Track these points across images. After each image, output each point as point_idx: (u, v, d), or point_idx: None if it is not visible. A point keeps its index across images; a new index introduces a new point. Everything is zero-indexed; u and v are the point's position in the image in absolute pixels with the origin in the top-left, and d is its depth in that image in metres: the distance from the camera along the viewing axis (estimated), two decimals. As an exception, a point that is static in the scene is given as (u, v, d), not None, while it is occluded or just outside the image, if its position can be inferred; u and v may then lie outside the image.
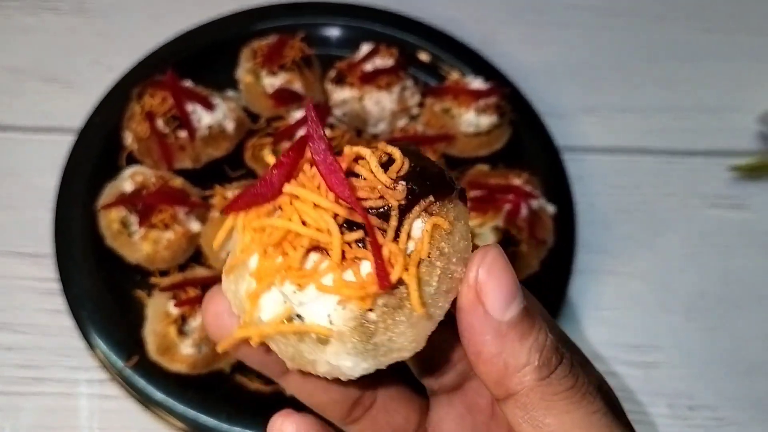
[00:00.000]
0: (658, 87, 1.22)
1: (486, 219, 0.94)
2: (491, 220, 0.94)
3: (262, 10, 1.13)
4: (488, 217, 0.94)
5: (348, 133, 0.97)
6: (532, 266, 0.96)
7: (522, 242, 0.93)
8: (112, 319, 0.89)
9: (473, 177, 1.00)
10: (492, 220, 0.94)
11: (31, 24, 1.17)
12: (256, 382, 0.88)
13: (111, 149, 0.99)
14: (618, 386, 0.89)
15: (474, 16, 1.25)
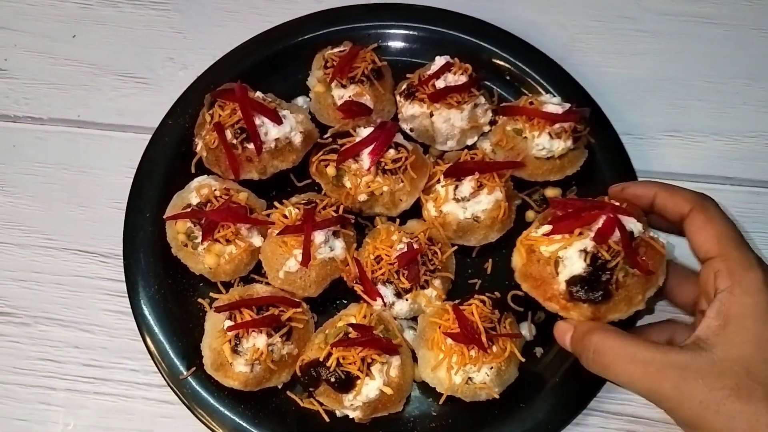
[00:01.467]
0: (754, 109, 1.13)
1: (572, 239, 0.82)
2: (578, 240, 0.82)
3: (337, 11, 1.11)
4: (574, 237, 0.82)
5: (414, 154, 0.95)
6: (634, 302, 0.82)
7: (617, 270, 0.81)
8: (173, 327, 0.91)
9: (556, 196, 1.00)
10: (579, 240, 0.82)
11: (110, 16, 1.18)
12: (306, 402, 0.89)
13: (183, 154, 1.01)
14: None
15: (556, 21, 1.19)
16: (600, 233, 0.79)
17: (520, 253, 0.84)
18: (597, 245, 0.79)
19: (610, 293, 0.79)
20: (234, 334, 0.84)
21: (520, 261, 0.85)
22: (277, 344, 0.85)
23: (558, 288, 0.81)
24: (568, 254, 0.81)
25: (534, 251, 0.83)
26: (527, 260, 0.83)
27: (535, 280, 0.82)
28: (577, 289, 0.79)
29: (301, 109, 1.03)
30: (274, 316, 0.85)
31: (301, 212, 0.91)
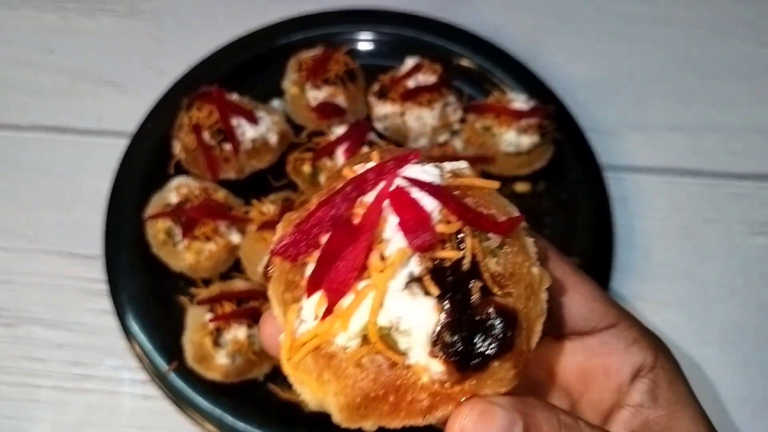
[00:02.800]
0: (712, 105, 1.18)
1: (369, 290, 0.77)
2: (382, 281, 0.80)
3: (309, 17, 1.14)
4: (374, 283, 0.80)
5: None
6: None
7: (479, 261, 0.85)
8: (155, 323, 0.93)
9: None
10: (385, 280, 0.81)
11: (88, 26, 1.21)
12: (287, 392, 0.91)
13: (160, 157, 1.03)
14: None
15: (522, 25, 1.23)
16: (408, 227, 0.42)
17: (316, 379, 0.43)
18: (423, 253, 0.42)
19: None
20: (215, 327, 0.87)
21: (325, 390, 0.43)
22: (257, 335, 0.88)
23: (426, 380, 0.42)
24: (398, 313, 0.41)
25: (331, 357, 0.42)
26: (336, 375, 0.42)
27: (384, 400, 0.42)
28: (451, 348, 0.41)
29: (276, 111, 1.06)
30: (254, 308, 0.88)
31: (278, 209, 0.94)
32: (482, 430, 0.40)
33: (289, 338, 0.43)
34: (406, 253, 0.41)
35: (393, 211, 0.42)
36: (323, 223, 0.43)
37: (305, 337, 0.42)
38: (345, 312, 0.41)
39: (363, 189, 0.44)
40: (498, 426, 0.41)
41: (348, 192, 0.44)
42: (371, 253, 0.41)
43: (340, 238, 0.41)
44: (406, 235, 0.41)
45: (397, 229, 0.42)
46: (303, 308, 0.43)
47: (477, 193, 0.46)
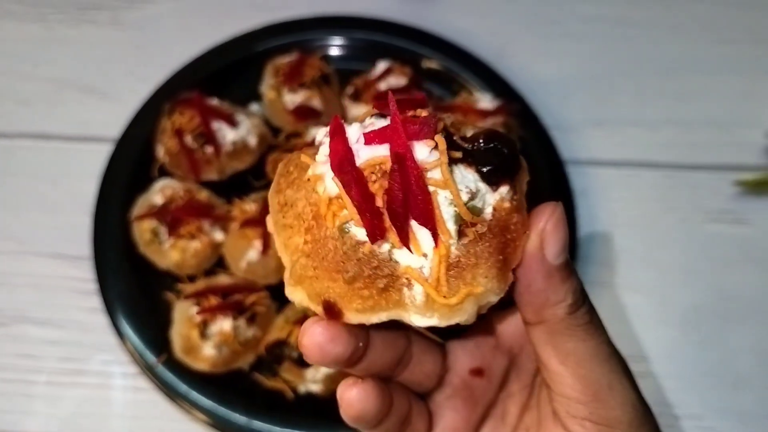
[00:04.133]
0: (669, 100, 1.25)
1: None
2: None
3: (285, 25, 1.19)
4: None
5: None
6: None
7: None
8: (143, 319, 0.98)
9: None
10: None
11: (71, 36, 1.25)
12: (272, 380, 0.96)
13: (144, 161, 1.07)
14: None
15: (488, 28, 1.29)
16: (416, 134, 0.45)
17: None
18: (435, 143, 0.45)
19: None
20: (201, 320, 0.92)
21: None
22: (241, 327, 0.93)
23: (508, 205, 0.48)
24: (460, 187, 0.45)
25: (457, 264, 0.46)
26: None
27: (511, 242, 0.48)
28: (499, 170, 0.47)
29: (255, 114, 1.11)
30: (238, 300, 0.93)
31: (259, 207, 0.99)
32: (560, 224, 0.50)
33: (428, 285, 0.45)
34: (440, 138, 0.45)
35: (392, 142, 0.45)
36: (366, 198, 0.44)
37: (436, 268, 0.45)
38: (441, 225, 0.45)
39: (350, 160, 0.46)
40: (566, 228, 0.50)
41: (348, 174, 0.45)
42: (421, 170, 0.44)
43: (397, 183, 0.44)
44: (421, 137, 0.45)
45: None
46: (412, 265, 0.45)
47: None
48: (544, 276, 0.49)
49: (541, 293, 0.50)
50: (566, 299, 0.51)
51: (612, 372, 0.53)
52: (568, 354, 0.52)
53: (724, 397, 1.01)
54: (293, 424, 0.92)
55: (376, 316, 0.46)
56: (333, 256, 0.45)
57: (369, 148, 0.46)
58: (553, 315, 0.51)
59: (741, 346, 1.04)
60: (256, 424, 0.92)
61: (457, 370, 0.61)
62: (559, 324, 0.51)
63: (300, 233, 0.46)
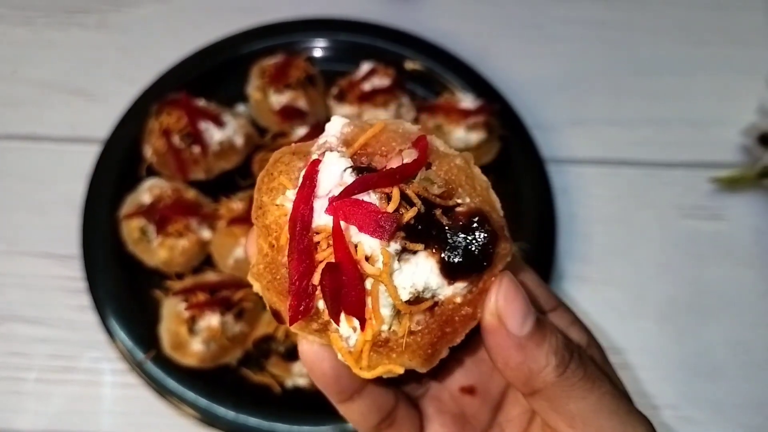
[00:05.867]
0: (645, 100, 1.28)
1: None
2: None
3: (270, 27, 1.21)
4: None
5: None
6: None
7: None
8: (132, 316, 0.99)
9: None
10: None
11: (59, 39, 1.26)
12: (259, 375, 0.98)
13: (132, 161, 1.09)
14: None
15: (470, 31, 1.32)
16: (370, 230, 0.46)
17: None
18: (394, 235, 0.47)
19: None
20: (190, 316, 0.94)
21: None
22: (229, 322, 0.95)
23: (460, 300, 0.50)
24: (409, 282, 0.48)
25: (386, 342, 0.50)
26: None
27: (444, 335, 0.50)
28: (460, 267, 0.48)
29: (241, 115, 1.13)
30: (226, 297, 0.95)
31: (246, 205, 1.01)
32: (512, 294, 0.48)
33: (349, 355, 0.50)
34: (386, 248, 0.47)
35: (347, 223, 0.47)
36: (304, 274, 0.47)
37: (359, 346, 0.49)
38: (374, 313, 0.48)
39: (305, 222, 0.47)
40: (522, 293, 0.49)
41: (298, 236, 0.47)
42: (360, 265, 0.47)
43: (332, 278, 0.46)
44: (374, 236, 0.46)
45: (361, 233, 0.46)
46: (340, 332, 0.49)
47: (373, 141, 0.51)
48: (517, 350, 0.48)
49: (522, 366, 0.49)
50: (549, 362, 0.49)
51: (623, 424, 0.50)
52: (573, 417, 0.50)
53: (699, 387, 1.04)
54: (281, 417, 0.94)
55: (310, 338, 0.51)
56: (281, 281, 0.50)
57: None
58: (544, 382, 0.49)
59: (716, 339, 1.08)
60: (244, 418, 0.94)
61: (448, 385, 0.61)
62: (553, 389, 0.49)
63: (265, 241, 0.51)
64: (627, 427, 0.50)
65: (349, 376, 0.53)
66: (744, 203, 1.18)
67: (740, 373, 1.06)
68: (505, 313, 0.48)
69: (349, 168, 0.48)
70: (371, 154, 0.50)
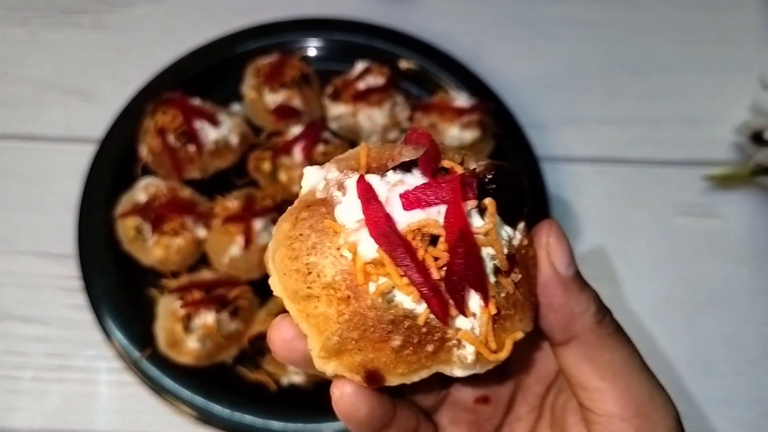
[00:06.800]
0: (639, 99, 1.29)
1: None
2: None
3: (265, 27, 1.22)
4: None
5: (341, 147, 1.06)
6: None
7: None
8: (128, 314, 1.00)
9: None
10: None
11: (54, 39, 1.27)
12: (255, 373, 0.98)
13: (128, 160, 1.09)
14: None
15: (464, 30, 1.32)
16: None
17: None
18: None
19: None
20: (185, 314, 0.94)
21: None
22: (224, 320, 0.95)
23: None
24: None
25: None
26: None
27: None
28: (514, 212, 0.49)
29: (237, 114, 1.14)
30: (221, 294, 0.95)
31: (241, 204, 1.01)
32: (560, 235, 0.51)
33: (482, 346, 0.46)
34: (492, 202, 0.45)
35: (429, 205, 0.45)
36: (425, 275, 0.44)
37: (485, 328, 0.46)
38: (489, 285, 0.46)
39: (394, 230, 0.44)
40: (566, 238, 0.52)
41: (395, 248, 0.44)
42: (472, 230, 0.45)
43: (458, 255, 0.44)
44: (467, 200, 0.45)
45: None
46: (463, 328, 0.46)
47: (370, 160, 0.49)
48: (563, 289, 0.49)
49: (565, 307, 0.50)
50: (590, 307, 0.50)
51: (650, 382, 0.52)
52: (607, 366, 0.50)
53: (693, 384, 1.05)
54: (277, 415, 0.94)
55: (417, 375, 0.46)
56: (376, 326, 0.44)
57: (401, 213, 0.45)
58: (583, 326, 0.50)
59: (709, 335, 1.08)
60: (240, 416, 0.94)
61: (462, 398, 0.61)
62: (591, 335, 0.50)
63: (331, 304, 0.44)
64: (654, 386, 0.52)
65: (382, 415, 0.51)
66: (737, 201, 1.19)
67: (733, 369, 1.06)
68: (555, 252, 0.50)
69: (389, 170, 0.46)
70: (376, 169, 0.48)
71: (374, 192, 0.45)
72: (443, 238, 0.44)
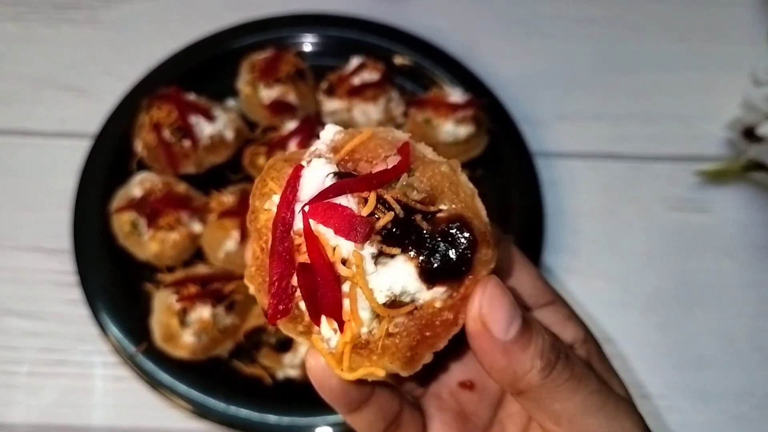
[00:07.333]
0: (631, 95, 1.30)
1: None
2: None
3: (259, 22, 1.22)
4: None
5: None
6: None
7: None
8: (123, 309, 1.00)
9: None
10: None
11: (49, 35, 1.27)
12: (251, 367, 0.99)
13: (123, 155, 1.09)
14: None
15: (458, 26, 1.33)
16: (344, 233, 0.47)
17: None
18: (369, 238, 0.48)
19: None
20: (181, 308, 0.94)
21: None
22: (220, 314, 0.95)
23: (439, 304, 0.50)
24: (387, 285, 0.48)
25: (366, 344, 0.50)
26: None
27: (424, 339, 0.50)
28: (439, 273, 0.48)
29: (232, 109, 1.14)
30: (217, 289, 0.96)
31: (236, 199, 1.02)
32: (497, 300, 0.48)
33: (330, 356, 0.50)
34: (358, 251, 0.47)
35: (324, 226, 0.47)
36: (283, 275, 0.48)
37: (340, 348, 0.49)
38: (352, 315, 0.48)
39: (286, 225, 0.48)
40: (507, 298, 0.49)
41: (279, 238, 0.48)
42: (335, 267, 0.47)
43: (307, 279, 0.47)
44: (348, 238, 0.46)
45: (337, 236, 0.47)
46: (321, 333, 0.50)
47: (361, 148, 0.51)
48: (502, 354, 0.48)
49: (507, 370, 0.49)
50: (534, 366, 0.49)
51: (609, 420, 0.51)
52: (559, 416, 0.50)
53: (686, 377, 1.06)
54: (272, 409, 0.95)
55: (298, 339, 0.52)
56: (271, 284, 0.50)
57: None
58: (528, 384, 0.49)
59: (701, 329, 1.09)
60: (236, 410, 0.94)
61: (447, 382, 0.61)
62: (539, 390, 0.50)
63: (257, 245, 0.52)
64: (612, 422, 0.51)
65: (356, 388, 0.54)
66: (729, 196, 1.20)
67: (725, 362, 1.07)
68: (489, 318, 0.48)
69: (332, 173, 0.49)
70: (357, 161, 0.51)
71: (297, 184, 0.49)
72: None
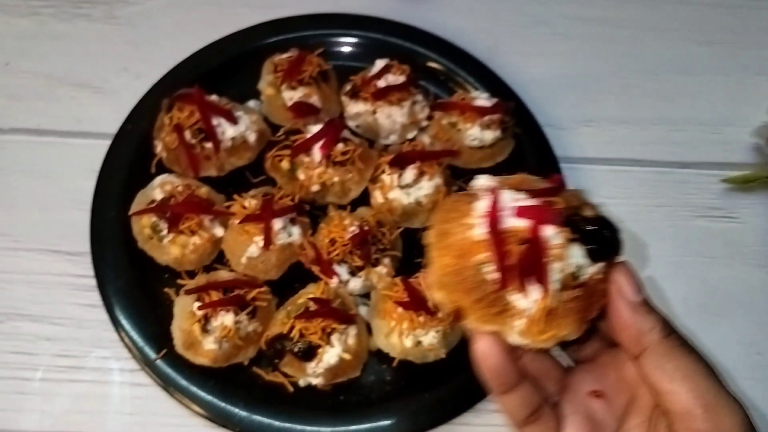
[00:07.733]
0: (656, 99, 1.28)
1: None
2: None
3: (281, 21, 1.20)
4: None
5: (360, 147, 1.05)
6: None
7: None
8: (143, 314, 0.97)
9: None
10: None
11: (64, 31, 1.24)
12: (271, 375, 0.96)
13: (142, 156, 1.07)
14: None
15: (480, 27, 1.31)
16: (548, 220, 0.61)
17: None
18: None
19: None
20: (203, 314, 0.92)
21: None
22: (243, 322, 0.93)
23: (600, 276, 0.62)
24: (571, 262, 0.62)
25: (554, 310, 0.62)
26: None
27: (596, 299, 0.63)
28: (600, 250, 0.63)
29: (254, 111, 1.11)
30: (239, 295, 0.93)
31: (259, 203, 0.99)
32: (630, 273, 0.63)
33: (528, 324, 0.61)
34: (559, 235, 0.60)
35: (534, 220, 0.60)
36: (503, 256, 0.60)
37: (538, 314, 0.60)
38: (551, 284, 0.60)
39: (498, 224, 0.61)
40: (637, 275, 0.63)
41: (496, 237, 0.60)
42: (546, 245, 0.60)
43: (527, 250, 0.59)
44: (552, 224, 0.60)
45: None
46: (520, 305, 0.61)
47: (520, 184, 0.67)
48: (631, 312, 0.61)
49: (634, 325, 0.61)
50: (656, 326, 0.61)
51: (715, 385, 0.60)
52: (674, 372, 0.59)
53: (713, 388, 1.04)
54: (293, 417, 0.93)
55: (485, 327, 0.62)
56: (468, 281, 0.61)
57: (514, 219, 0.61)
58: (650, 341, 0.60)
59: (727, 339, 1.07)
60: (256, 418, 0.92)
61: (580, 389, 0.69)
62: (658, 347, 0.60)
63: (449, 257, 0.62)
64: (719, 387, 0.60)
65: (511, 371, 0.63)
66: (756, 203, 1.18)
67: (752, 373, 1.05)
68: (625, 285, 0.62)
69: (525, 190, 0.63)
70: (515, 188, 0.65)
71: (499, 202, 0.61)
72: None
